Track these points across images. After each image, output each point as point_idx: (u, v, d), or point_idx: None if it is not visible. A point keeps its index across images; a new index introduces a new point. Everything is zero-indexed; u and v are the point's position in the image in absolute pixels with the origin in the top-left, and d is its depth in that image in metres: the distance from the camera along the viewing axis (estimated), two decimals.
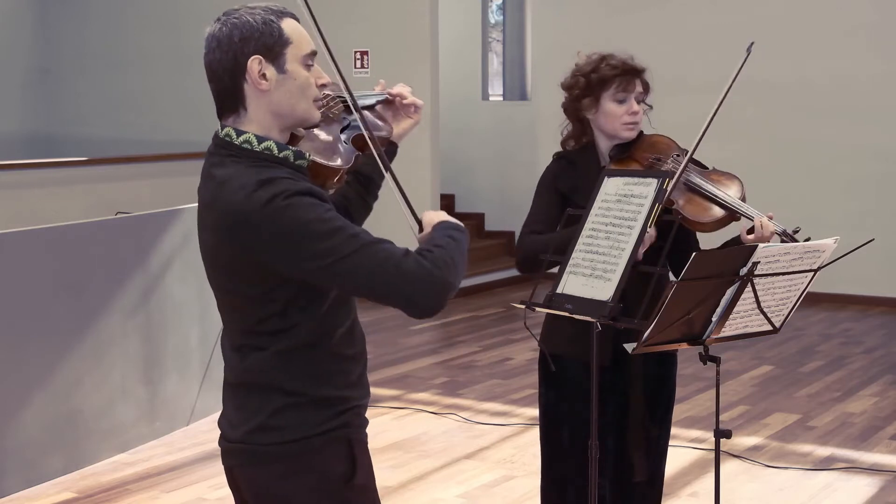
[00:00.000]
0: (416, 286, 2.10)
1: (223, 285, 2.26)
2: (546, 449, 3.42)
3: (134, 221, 5.85)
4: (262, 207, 2.09)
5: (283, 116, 2.22)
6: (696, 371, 6.72)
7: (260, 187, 2.11)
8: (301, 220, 2.09)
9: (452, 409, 6.30)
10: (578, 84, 3.31)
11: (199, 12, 10.94)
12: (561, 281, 3.00)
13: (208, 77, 2.23)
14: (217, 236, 2.19)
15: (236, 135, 2.21)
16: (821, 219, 9.07)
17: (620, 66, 3.28)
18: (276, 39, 2.19)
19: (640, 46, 9.66)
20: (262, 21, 2.18)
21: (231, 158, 2.19)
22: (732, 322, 2.96)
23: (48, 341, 5.14)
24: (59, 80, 11.91)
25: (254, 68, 2.17)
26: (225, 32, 2.18)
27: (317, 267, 2.10)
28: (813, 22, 9.43)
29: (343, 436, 2.26)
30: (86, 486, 5.08)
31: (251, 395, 2.24)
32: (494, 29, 12.77)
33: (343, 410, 2.26)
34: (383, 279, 2.09)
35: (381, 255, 2.10)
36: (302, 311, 2.20)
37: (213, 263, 2.25)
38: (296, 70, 2.21)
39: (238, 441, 2.26)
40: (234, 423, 2.28)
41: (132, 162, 8.94)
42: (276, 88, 2.20)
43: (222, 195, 2.15)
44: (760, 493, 4.98)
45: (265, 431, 2.22)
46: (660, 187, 2.91)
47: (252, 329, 2.23)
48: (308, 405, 2.22)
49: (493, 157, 11.39)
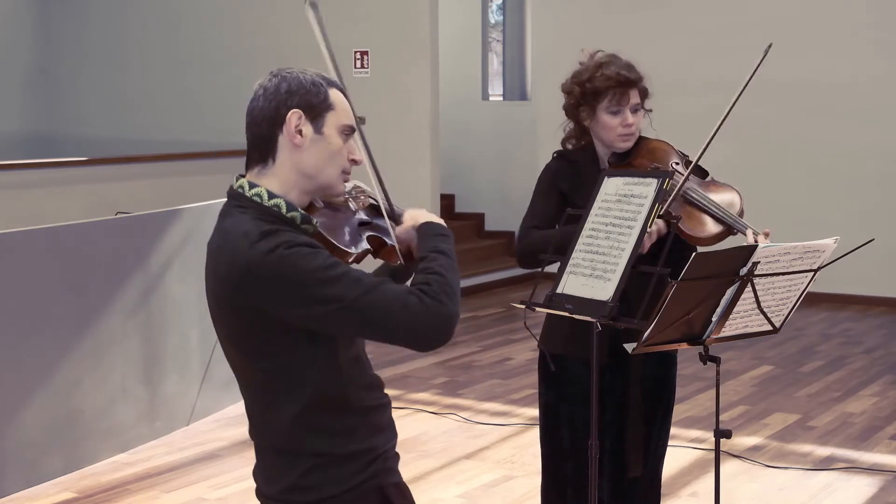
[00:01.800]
0: (422, 324, 2.14)
1: (227, 337, 2.26)
2: (546, 449, 3.42)
3: (134, 221, 5.85)
4: (265, 256, 2.11)
5: (309, 178, 2.24)
6: (696, 371, 6.71)
7: (262, 238, 2.12)
8: (305, 268, 2.11)
9: (452, 409, 6.30)
10: (574, 92, 3.31)
11: (199, 12, 10.96)
12: (561, 281, 3.00)
13: (247, 125, 2.26)
14: (221, 286, 2.20)
15: (249, 187, 2.23)
16: (821, 219, 9.07)
17: (614, 78, 3.24)
18: (321, 101, 2.23)
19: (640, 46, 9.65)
20: (310, 82, 2.23)
21: (238, 209, 2.21)
22: (732, 322, 2.96)
23: (48, 341, 5.14)
24: (59, 80, 11.90)
25: (292, 121, 2.20)
26: (274, 83, 2.23)
27: (323, 313, 2.11)
28: (813, 22, 9.42)
29: (374, 486, 2.29)
30: (86, 486, 5.08)
31: (278, 456, 2.27)
32: (494, 29, 12.77)
33: (371, 461, 2.28)
34: (389, 321, 2.12)
35: (386, 298, 2.12)
36: (310, 363, 2.20)
37: (219, 314, 2.25)
38: (332, 135, 2.24)
39: (273, 499, 2.29)
40: (267, 478, 2.31)
41: (132, 162, 8.93)
42: (309, 147, 2.22)
43: (226, 244, 2.17)
44: (760, 493, 4.98)
45: (299, 491, 2.25)
46: (660, 187, 2.91)
47: (263, 385, 2.24)
48: (335, 464, 2.24)
49: (493, 157, 11.39)
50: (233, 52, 10.54)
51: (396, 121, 9.73)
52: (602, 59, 3.30)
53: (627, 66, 3.29)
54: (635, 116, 3.27)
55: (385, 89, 9.78)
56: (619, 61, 3.30)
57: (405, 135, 9.66)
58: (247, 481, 5.13)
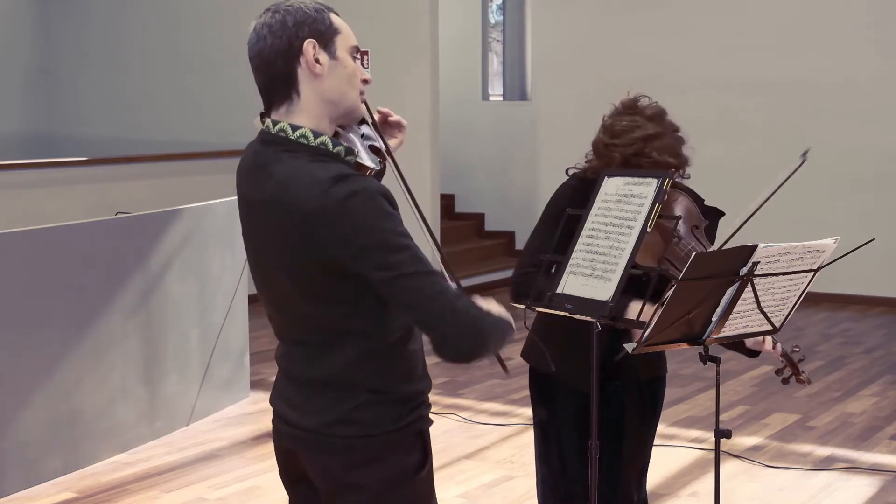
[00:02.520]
0: (460, 329, 2.15)
1: (290, 287, 2.24)
2: (540, 466, 3.42)
3: (134, 221, 5.85)
4: (342, 203, 2.10)
5: (335, 104, 2.24)
6: (696, 371, 6.72)
7: (335, 183, 2.11)
8: (378, 226, 2.11)
9: (452, 409, 6.30)
10: (612, 158, 3.13)
11: (199, 12, 10.96)
12: (561, 281, 3.00)
13: (257, 66, 2.23)
14: (288, 234, 2.17)
15: (292, 130, 2.20)
16: (821, 219, 9.07)
17: (662, 163, 3.07)
18: (328, 27, 2.23)
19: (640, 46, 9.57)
20: (314, 9, 2.23)
21: (288, 153, 2.19)
22: (732, 322, 2.95)
23: (48, 341, 5.14)
24: (59, 80, 11.90)
25: (309, 51, 2.19)
26: (278, 19, 2.20)
27: (378, 277, 2.12)
28: (813, 22, 9.42)
29: (417, 428, 2.31)
30: (86, 486, 5.08)
31: (328, 390, 2.26)
32: (494, 29, 12.76)
33: (418, 404, 2.31)
34: (433, 309, 2.13)
35: (438, 287, 2.14)
36: (371, 310, 2.21)
37: (280, 265, 2.23)
38: (346, 58, 2.25)
39: (311, 430, 2.28)
40: (304, 411, 2.29)
41: (132, 162, 8.93)
42: (329, 74, 2.22)
43: (292, 191, 2.14)
44: (760, 493, 4.98)
45: (345, 424, 2.25)
46: (660, 187, 2.91)
47: (329, 325, 2.23)
48: (389, 402, 2.26)
49: (493, 157, 11.39)
50: (233, 52, 10.51)
51: None
52: (648, 131, 3.12)
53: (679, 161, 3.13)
54: None
55: (385, 89, 9.76)
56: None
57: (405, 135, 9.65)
58: (247, 481, 5.15)
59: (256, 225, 2.27)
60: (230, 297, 6.13)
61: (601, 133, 3.21)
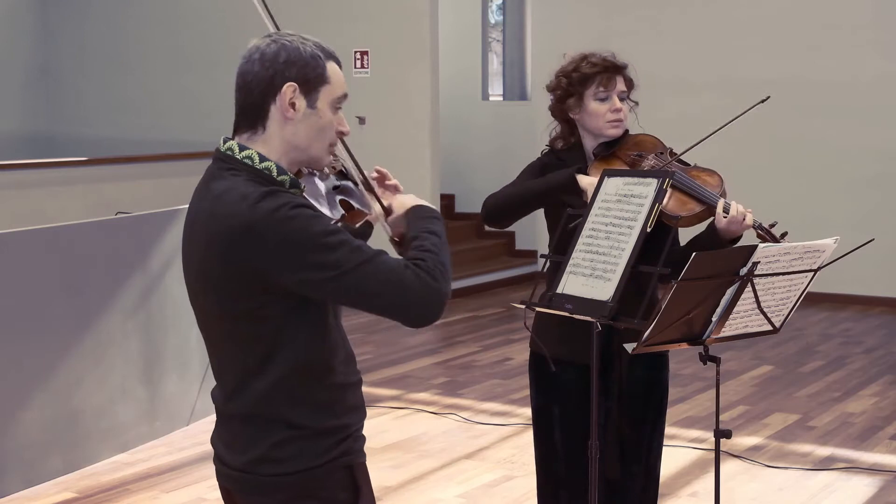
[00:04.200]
0: (417, 299, 2.12)
1: (211, 307, 2.22)
2: (538, 451, 3.42)
3: (134, 221, 5.85)
4: (268, 216, 2.09)
5: (299, 149, 2.23)
6: (696, 371, 6.72)
7: (263, 198, 2.11)
8: (308, 231, 2.10)
9: (452, 409, 6.30)
10: (561, 84, 3.33)
11: (199, 12, 10.96)
12: (561, 281, 3.00)
13: (238, 85, 2.23)
14: (211, 251, 2.16)
15: (238, 150, 2.21)
16: (821, 219, 9.07)
17: (600, 64, 3.29)
18: (317, 75, 2.20)
19: (640, 46, 9.58)
20: (310, 54, 2.20)
21: (230, 172, 2.19)
22: (732, 322, 2.95)
23: (48, 341, 5.14)
24: (59, 80, 11.91)
25: (287, 94, 2.18)
26: (273, 49, 2.20)
27: (322, 278, 2.10)
28: (814, 22, 9.42)
29: (345, 463, 2.26)
30: (86, 486, 5.08)
31: (249, 424, 2.23)
32: (494, 29, 12.77)
33: (344, 438, 2.26)
34: (385, 293, 2.11)
35: (383, 270, 2.11)
36: (294, 335, 2.18)
37: (203, 282, 2.21)
38: (324, 110, 2.22)
39: (238, 469, 2.26)
40: (232, 449, 2.27)
41: (132, 162, 8.94)
42: (301, 121, 2.21)
43: (221, 206, 2.14)
44: (760, 493, 4.98)
45: (268, 463, 2.22)
46: (660, 187, 2.91)
47: (247, 349, 2.20)
48: (310, 437, 2.22)
49: (492, 157, 11.39)
50: (233, 52, 10.48)
51: (396, 121, 9.73)
52: (585, 51, 3.36)
53: (611, 55, 3.35)
54: (622, 105, 3.29)
55: (385, 89, 9.78)
56: (603, 52, 3.35)
57: (405, 135, 9.66)
58: None
59: (189, 240, 2.25)
60: None
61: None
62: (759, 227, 3.15)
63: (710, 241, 3.16)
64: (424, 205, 2.35)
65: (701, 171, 3.28)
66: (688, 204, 3.16)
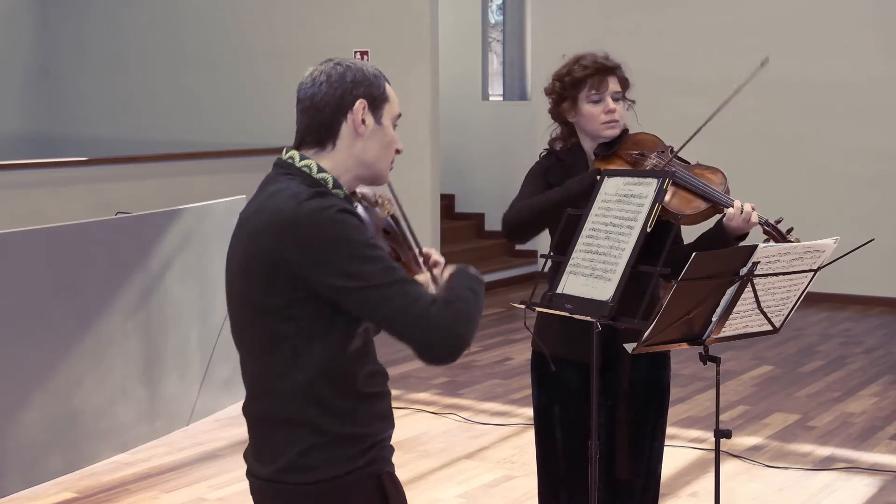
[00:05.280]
0: (436, 335, 2.14)
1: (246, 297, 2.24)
2: (539, 450, 3.43)
3: (134, 221, 5.85)
4: (313, 214, 2.14)
5: (365, 165, 2.31)
6: (696, 371, 6.72)
7: (313, 197, 2.17)
8: (347, 238, 2.14)
9: (452, 409, 6.30)
10: (555, 88, 3.34)
11: (200, 12, 10.96)
12: (561, 281, 3.00)
13: (304, 108, 2.29)
14: (256, 240, 2.20)
15: (299, 159, 2.28)
16: (821, 219, 9.06)
17: (591, 66, 3.29)
18: (381, 93, 2.33)
19: (640, 46, 9.57)
20: (372, 74, 2.32)
21: (286, 176, 2.26)
22: (732, 322, 2.96)
23: (48, 341, 5.14)
24: (59, 80, 11.90)
25: (359, 110, 2.28)
26: (339, 71, 2.29)
27: (348, 287, 2.13)
28: (813, 22, 9.42)
29: (373, 472, 2.29)
30: (86, 486, 5.08)
31: (278, 430, 2.25)
32: (494, 29, 12.78)
33: (370, 446, 2.28)
34: (407, 319, 2.14)
35: (411, 295, 2.14)
36: (320, 339, 2.20)
37: (242, 270, 2.24)
38: (388, 126, 2.34)
39: (267, 479, 2.28)
40: (261, 458, 2.30)
41: (132, 162, 8.93)
42: (370, 137, 2.30)
43: (271, 203, 2.20)
44: (760, 493, 4.98)
45: (295, 471, 2.23)
46: (660, 187, 2.91)
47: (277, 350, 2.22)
48: (337, 444, 2.24)
49: (492, 158, 11.39)
50: (233, 52, 10.54)
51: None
52: (578, 54, 3.36)
53: (604, 56, 3.34)
54: (617, 105, 3.29)
55: None
56: (595, 53, 3.35)
57: (405, 135, 9.59)
58: (247, 481, 5.14)
59: (237, 237, 2.29)
60: None
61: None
62: (765, 224, 3.16)
63: (717, 238, 3.16)
64: (469, 269, 2.36)
65: (704, 168, 3.28)
66: (692, 202, 3.16)
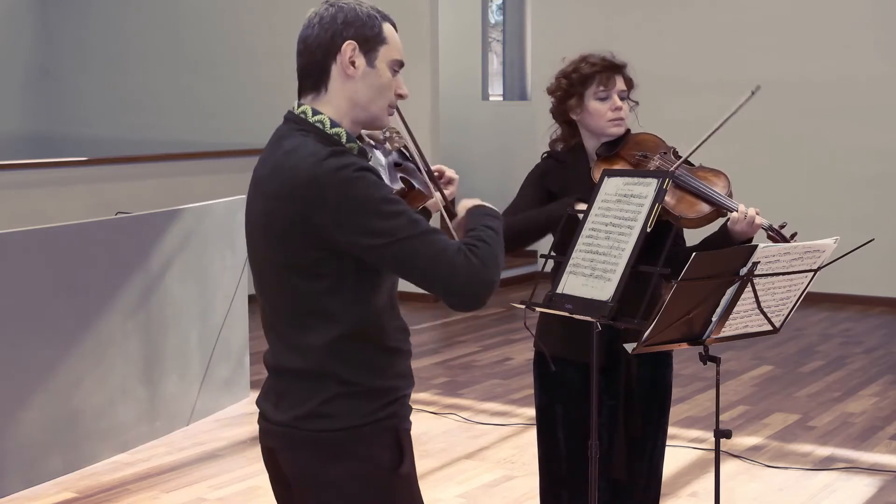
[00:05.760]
0: (464, 281, 2.18)
1: (271, 257, 2.26)
2: (541, 450, 3.43)
3: (134, 221, 5.85)
4: (333, 173, 2.15)
5: (360, 107, 2.31)
6: (696, 371, 6.72)
7: (331, 156, 2.18)
8: (369, 195, 2.15)
9: (452, 409, 6.30)
10: (561, 86, 3.35)
11: (200, 12, 10.96)
12: (561, 281, 3.00)
13: (300, 51, 2.30)
14: (276, 202, 2.21)
15: (311, 113, 2.28)
16: (821, 219, 9.06)
17: (600, 64, 3.31)
18: (375, 34, 2.31)
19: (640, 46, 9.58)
20: (366, 14, 2.30)
21: (300, 132, 2.26)
22: (732, 322, 2.96)
23: (48, 341, 5.14)
24: (59, 80, 11.90)
25: (346, 52, 2.27)
26: (331, 13, 2.29)
27: (373, 244, 2.15)
28: (814, 22, 9.42)
29: (391, 425, 2.31)
30: (86, 486, 5.08)
31: (302, 381, 2.27)
32: (494, 29, 12.77)
33: (392, 400, 2.31)
34: (434, 268, 2.16)
35: (436, 246, 2.17)
36: (350, 294, 2.23)
37: (265, 232, 2.26)
38: (383, 69, 2.32)
39: (284, 424, 2.29)
40: (280, 406, 2.31)
41: (132, 162, 8.93)
42: (361, 79, 2.29)
43: (290, 160, 2.21)
44: (760, 493, 4.98)
45: (315, 418, 2.26)
46: (660, 187, 2.91)
47: (304, 306, 2.24)
48: (360, 395, 2.27)
49: (492, 157, 11.39)
50: (233, 52, 10.54)
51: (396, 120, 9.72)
52: (584, 53, 3.37)
53: (610, 55, 3.36)
54: (622, 103, 3.30)
55: None
56: (602, 52, 3.37)
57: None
58: (247, 481, 5.15)
59: (254, 193, 2.31)
60: (230, 298, 6.13)
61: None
62: (769, 229, 3.16)
63: (722, 242, 3.16)
64: (485, 204, 2.41)
65: (707, 171, 3.28)
66: (696, 205, 3.16)
